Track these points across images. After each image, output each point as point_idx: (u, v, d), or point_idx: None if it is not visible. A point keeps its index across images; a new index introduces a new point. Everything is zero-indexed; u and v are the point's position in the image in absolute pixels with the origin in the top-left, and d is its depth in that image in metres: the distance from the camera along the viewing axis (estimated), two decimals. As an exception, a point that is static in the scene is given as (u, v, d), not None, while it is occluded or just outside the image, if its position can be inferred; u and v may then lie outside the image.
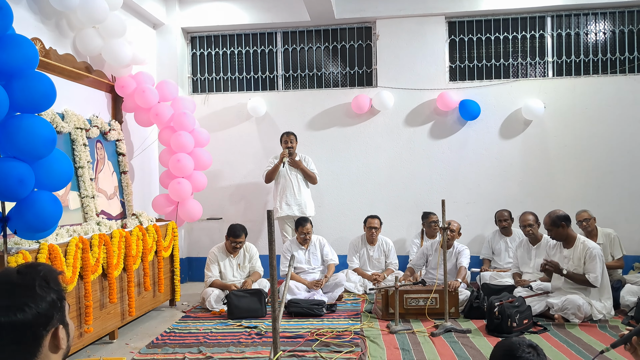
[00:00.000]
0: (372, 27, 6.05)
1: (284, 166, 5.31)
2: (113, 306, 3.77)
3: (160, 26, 5.99)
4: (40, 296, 1.04)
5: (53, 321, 1.06)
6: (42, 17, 4.00)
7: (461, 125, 5.83)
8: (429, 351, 3.39)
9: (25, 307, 1.02)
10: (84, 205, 4.00)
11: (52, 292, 1.06)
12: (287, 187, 5.33)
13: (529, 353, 1.58)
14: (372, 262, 5.35)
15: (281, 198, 5.34)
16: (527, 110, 5.65)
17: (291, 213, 5.31)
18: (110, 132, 4.59)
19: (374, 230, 5.26)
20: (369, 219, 5.32)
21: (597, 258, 3.92)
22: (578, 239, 4.08)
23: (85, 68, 4.36)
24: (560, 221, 4.04)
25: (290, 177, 5.35)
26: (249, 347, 3.54)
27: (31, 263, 1.13)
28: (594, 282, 3.91)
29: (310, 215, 5.32)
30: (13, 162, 2.67)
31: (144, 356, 3.41)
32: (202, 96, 6.18)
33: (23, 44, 2.75)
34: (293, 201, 5.32)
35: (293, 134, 5.42)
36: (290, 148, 5.29)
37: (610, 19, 5.80)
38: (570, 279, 4.01)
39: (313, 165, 5.50)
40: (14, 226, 2.80)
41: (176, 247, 4.82)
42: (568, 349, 3.37)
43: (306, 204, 5.37)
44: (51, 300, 1.05)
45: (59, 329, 1.07)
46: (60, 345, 1.07)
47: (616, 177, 5.64)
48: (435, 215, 5.33)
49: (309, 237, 4.91)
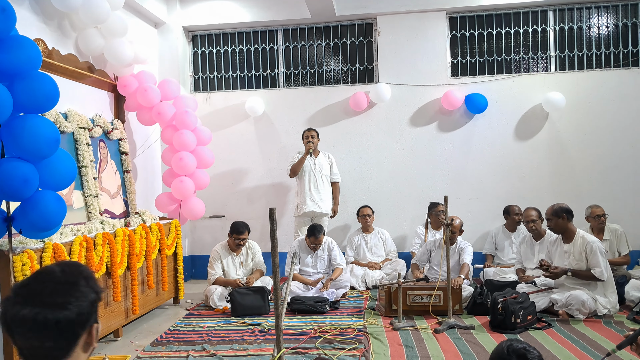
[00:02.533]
0: (372, 24, 6.04)
1: (310, 157, 5.35)
2: (117, 304, 3.79)
3: (162, 25, 6.00)
4: (84, 295, 1.06)
5: (91, 320, 1.08)
6: (44, 18, 4.01)
7: (469, 118, 5.81)
8: (432, 348, 3.39)
9: (70, 305, 1.04)
10: (87, 204, 4.02)
11: (93, 292, 1.09)
12: (312, 182, 5.36)
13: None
14: (371, 249, 5.45)
15: (306, 194, 5.35)
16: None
17: (316, 209, 5.33)
18: (112, 131, 4.60)
19: (367, 217, 5.46)
20: (361, 208, 5.56)
21: (598, 252, 3.91)
22: (577, 233, 4.07)
23: (87, 68, 4.37)
24: (562, 212, 4.03)
25: (315, 172, 5.38)
26: (252, 344, 3.55)
27: (72, 262, 1.15)
28: (600, 277, 3.90)
29: (328, 212, 5.43)
30: (17, 162, 2.69)
31: (148, 354, 3.43)
32: (203, 94, 6.18)
33: (26, 45, 2.76)
34: (317, 197, 5.35)
35: (314, 129, 5.48)
36: (311, 142, 5.33)
37: (613, 12, 5.76)
38: (577, 277, 3.99)
39: (335, 165, 5.57)
40: (19, 225, 2.82)
41: (179, 245, 4.84)
42: (573, 345, 3.36)
43: (328, 200, 5.44)
44: (92, 299, 1.08)
45: (94, 327, 1.10)
46: (92, 342, 1.10)
47: (620, 172, 5.61)
48: (442, 205, 5.35)
49: (319, 247, 4.92)
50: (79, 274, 1.09)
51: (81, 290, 1.07)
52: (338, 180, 5.58)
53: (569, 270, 3.98)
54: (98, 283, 1.14)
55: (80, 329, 1.06)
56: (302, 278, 4.84)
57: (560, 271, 3.99)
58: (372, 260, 5.43)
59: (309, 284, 4.78)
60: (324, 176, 5.43)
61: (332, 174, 5.53)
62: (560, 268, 4.00)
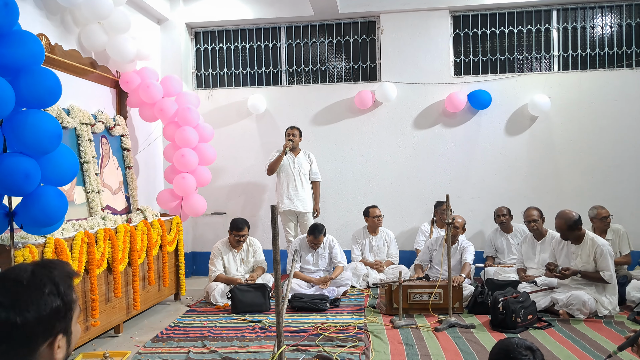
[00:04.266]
0: (376, 22, 6.02)
1: (286, 154, 5.32)
2: (118, 300, 3.80)
3: (165, 21, 6.00)
4: (46, 302, 0.99)
5: (54, 330, 1.01)
6: (47, 13, 4.02)
7: (472, 114, 5.79)
8: (432, 346, 3.39)
9: (28, 310, 0.97)
10: (89, 200, 4.03)
11: (60, 300, 1.01)
12: (290, 181, 5.34)
13: (525, 356, 1.52)
14: (374, 252, 5.44)
15: (283, 192, 5.35)
16: (533, 105, 5.61)
17: (293, 208, 5.32)
18: (115, 128, 4.60)
19: (377, 219, 5.38)
20: (371, 208, 5.43)
21: (608, 255, 3.89)
22: (587, 235, 4.04)
23: (90, 64, 4.37)
24: (577, 225, 3.97)
25: (293, 171, 5.36)
26: (253, 341, 3.56)
27: (49, 263, 1.07)
28: (609, 280, 3.89)
29: (308, 210, 5.37)
30: (19, 157, 2.69)
31: (148, 350, 3.44)
32: (206, 91, 6.18)
33: (29, 40, 2.76)
34: (295, 196, 5.33)
35: (297, 128, 5.45)
36: (291, 141, 5.30)
37: (617, 12, 5.74)
38: (585, 278, 3.98)
39: (315, 164, 5.51)
40: (21, 221, 2.83)
41: (181, 242, 4.85)
42: (573, 344, 3.36)
43: (308, 199, 5.39)
44: (56, 308, 1.00)
45: (57, 339, 1.01)
46: (55, 356, 1.01)
47: (622, 172, 5.60)
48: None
49: (319, 246, 4.92)
50: (50, 279, 1.02)
51: (45, 296, 0.99)
52: (318, 179, 5.52)
53: (579, 272, 3.96)
54: (73, 291, 1.05)
55: (39, 337, 0.99)
56: (304, 276, 4.84)
57: (571, 272, 3.95)
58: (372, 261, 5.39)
59: (312, 282, 4.78)
60: (303, 175, 5.38)
61: (311, 173, 5.48)
62: (571, 270, 3.96)
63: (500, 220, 5.24)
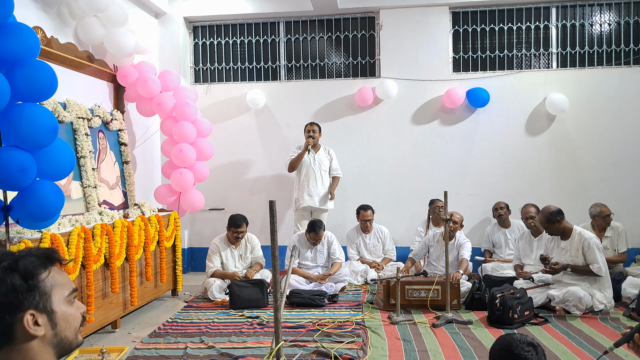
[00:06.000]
0: (375, 17, 6.00)
1: (309, 153, 5.32)
2: (115, 296, 3.79)
3: (163, 15, 5.95)
4: (2, 278, 1.02)
5: (21, 306, 1.03)
6: (43, 6, 3.97)
7: (470, 112, 5.79)
8: (430, 342, 3.40)
9: None
10: (86, 195, 4.00)
11: (18, 275, 1.04)
12: (310, 178, 5.34)
13: (528, 352, 1.51)
14: (369, 250, 5.43)
15: (303, 189, 5.34)
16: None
17: (313, 204, 5.32)
18: (112, 122, 4.57)
19: (368, 223, 5.37)
20: (362, 211, 5.39)
21: (595, 248, 3.94)
22: (574, 230, 4.08)
23: (87, 57, 4.33)
24: (555, 217, 4.02)
25: (314, 168, 5.36)
26: (250, 337, 3.55)
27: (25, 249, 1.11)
28: (598, 272, 3.92)
29: (330, 208, 5.41)
30: (15, 151, 2.67)
31: (146, 345, 3.43)
32: (204, 86, 6.15)
33: (24, 32, 2.73)
34: (315, 192, 5.33)
35: (316, 124, 5.45)
36: (312, 137, 5.30)
37: (616, 10, 5.73)
38: (576, 272, 4.01)
39: (336, 160, 5.52)
40: (16, 215, 2.80)
41: (178, 238, 4.83)
42: (569, 340, 3.37)
43: (326, 196, 5.40)
44: (12, 285, 1.02)
45: (26, 315, 1.03)
46: (31, 332, 1.03)
47: (620, 169, 5.61)
48: (442, 201, 5.34)
49: (319, 242, 4.91)
50: (10, 255, 1.06)
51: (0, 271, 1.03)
52: (339, 175, 5.54)
53: (568, 266, 3.99)
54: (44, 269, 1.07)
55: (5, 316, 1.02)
56: (302, 272, 4.83)
57: (560, 267, 4.01)
58: (370, 260, 5.39)
59: (311, 279, 4.77)
60: (323, 171, 5.40)
61: (332, 169, 5.49)
62: (560, 264, 4.01)
63: (498, 214, 5.26)
